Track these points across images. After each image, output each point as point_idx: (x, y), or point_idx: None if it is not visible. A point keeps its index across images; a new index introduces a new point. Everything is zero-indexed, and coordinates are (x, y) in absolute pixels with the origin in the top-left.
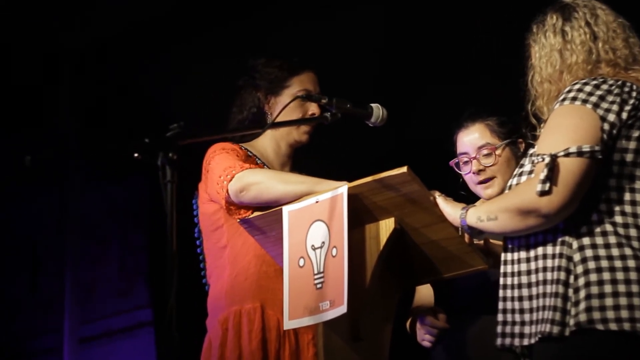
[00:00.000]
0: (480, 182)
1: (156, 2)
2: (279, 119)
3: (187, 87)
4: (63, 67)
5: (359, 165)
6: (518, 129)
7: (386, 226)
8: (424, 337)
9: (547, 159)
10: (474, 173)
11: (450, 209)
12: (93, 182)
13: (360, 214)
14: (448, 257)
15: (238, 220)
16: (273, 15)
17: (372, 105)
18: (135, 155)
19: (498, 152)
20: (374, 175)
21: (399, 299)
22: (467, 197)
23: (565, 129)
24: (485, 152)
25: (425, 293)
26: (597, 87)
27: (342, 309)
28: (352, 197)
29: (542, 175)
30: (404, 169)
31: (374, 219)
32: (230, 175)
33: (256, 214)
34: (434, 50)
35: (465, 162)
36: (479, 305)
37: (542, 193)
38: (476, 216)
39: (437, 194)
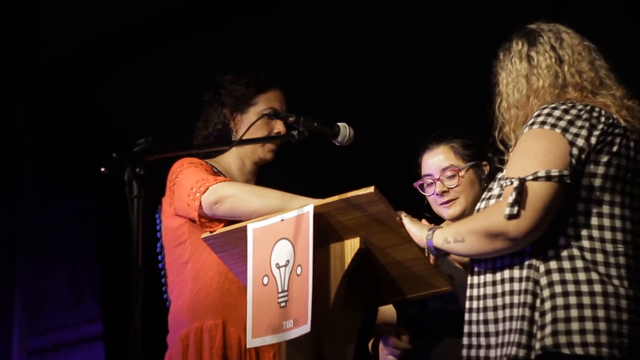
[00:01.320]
0: (444, 203)
1: (115, 15)
2: (245, 137)
3: (145, 100)
4: (19, 78)
5: (323, 183)
6: (482, 151)
7: (351, 246)
8: (386, 358)
9: (516, 183)
10: (437, 194)
11: (416, 230)
12: (45, 194)
13: (326, 233)
14: (413, 278)
15: (202, 236)
16: (237, 28)
17: (339, 124)
18: (102, 169)
19: (462, 173)
20: (341, 194)
21: (362, 318)
22: (431, 219)
23: (534, 153)
24: (449, 173)
25: (388, 313)
26: (566, 111)
27: (306, 328)
28: (318, 216)
29: (511, 199)
30: (371, 189)
31: (339, 238)
32: (204, 187)
33: (219, 230)
34: (401, 66)
35: (430, 184)
36: (443, 327)
37: (510, 217)
38: (443, 238)
39: (403, 215)
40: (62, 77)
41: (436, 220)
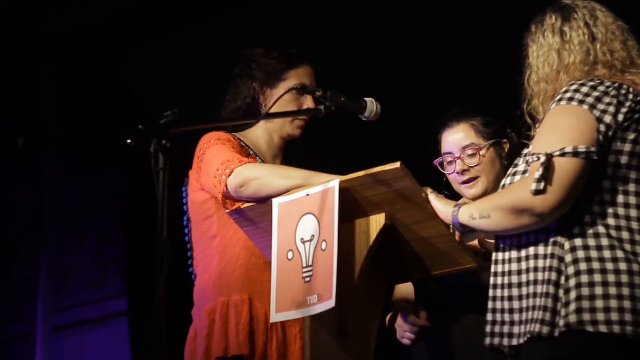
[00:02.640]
0: (464, 182)
1: None
2: (272, 111)
3: (169, 77)
4: (44, 55)
5: (350, 159)
6: (502, 129)
7: (376, 221)
8: (404, 335)
9: (543, 158)
10: (457, 173)
11: (442, 206)
12: (70, 171)
13: (351, 208)
14: (438, 255)
15: (227, 211)
16: (259, 6)
17: (366, 99)
18: (128, 141)
19: (482, 152)
20: (367, 169)
21: (387, 294)
22: (451, 197)
23: (561, 129)
24: (469, 152)
25: (404, 289)
26: (593, 88)
27: (330, 303)
28: (344, 191)
29: (537, 175)
30: (397, 164)
31: (364, 214)
32: (229, 170)
33: (246, 205)
34: (429, 46)
35: (450, 162)
36: (461, 305)
37: (537, 192)
38: (468, 214)
39: (429, 191)
40: (85, 54)
41: (455, 197)
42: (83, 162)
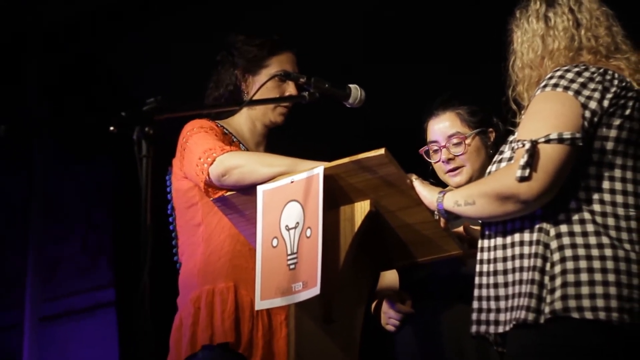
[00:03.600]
0: (449, 171)
1: None
2: (255, 98)
3: (158, 66)
4: (31, 45)
5: (333, 146)
6: (488, 118)
7: (361, 208)
8: (389, 321)
9: (528, 145)
10: (443, 162)
11: (426, 193)
12: (58, 160)
13: (336, 195)
14: (423, 242)
15: (212, 199)
16: None
17: (350, 86)
18: (111, 128)
19: (468, 141)
20: (351, 156)
21: (372, 282)
22: (436, 185)
23: (546, 115)
24: (455, 140)
25: (389, 277)
26: (578, 74)
27: (315, 291)
28: (328, 178)
29: (522, 161)
30: (382, 151)
31: (349, 201)
32: (211, 158)
33: (230, 193)
34: (417, 33)
35: (435, 151)
36: (446, 293)
37: (522, 179)
38: (453, 200)
39: (414, 177)
40: (75, 44)
41: (441, 186)
42: (71, 151)
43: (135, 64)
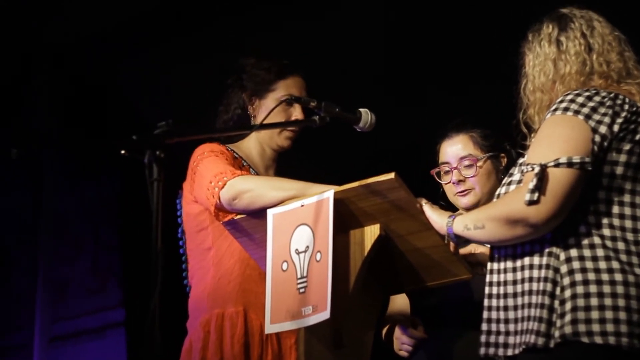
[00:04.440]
0: (459, 192)
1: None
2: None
3: (167, 86)
4: (41, 63)
5: (344, 169)
6: (501, 143)
7: (371, 232)
8: (402, 347)
9: (537, 169)
10: (453, 183)
11: (436, 217)
12: (67, 180)
13: (346, 219)
14: (432, 266)
15: (222, 222)
16: (258, 15)
17: (361, 110)
18: (122, 152)
19: (479, 164)
20: (361, 180)
21: (381, 306)
22: (447, 208)
23: (556, 139)
24: (466, 162)
25: (400, 302)
26: (589, 98)
27: (325, 315)
28: (338, 202)
29: (531, 185)
30: (392, 175)
31: (359, 225)
32: (222, 182)
33: (240, 216)
34: (427, 57)
35: (446, 172)
36: (459, 318)
37: (531, 202)
38: (463, 224)
39: (423, 202)
40: (84, 63)
41: (451, 208)
42: (81, 171)
43: (143, 84)
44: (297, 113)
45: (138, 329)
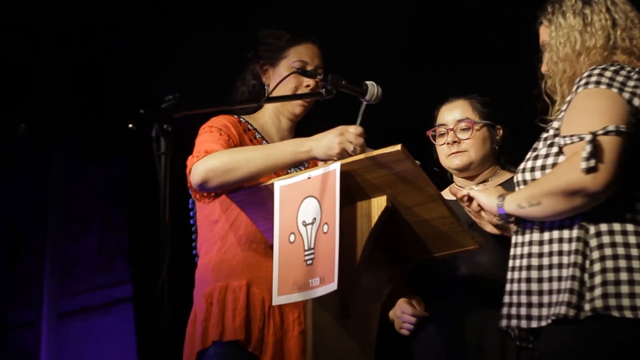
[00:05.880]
0: (453, 153)
1: None
2: (276, 92)
3: (176, 65)
4: (51, 43)
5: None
6: (500, 115)
7: (378, 204)
8: (403, 326)
9: (588, 137)
10: (448, 144)
11: (484, 198)
12: (76, 159)
13: (352, 191)
14: (439, 237)
15: (229, 195)
16: None
17: (367, 82)
18: (130, 126)
19: (476, 127)
20: (367, 152)
21: (388, 277)
22: (441, 173)
23: (596, 111)
24: (463, 125)
25: (401, 280)
26: (616, 72)
27: (333, 286)
28: (345, 174)
29: (585, 153)
30: (398, 147)
31: (366, 197)
32: (189, 167)
33: (248, 188)
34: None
35: (442, 134)
36: (460, 294)
37: (589, 170)
38: (515, 203)
39: (473, 185)
40: (92, 45)
41: (445, 173)
42: (89, 150)
43: (152, 63)
44: (308, 80)
45: (146, 304)
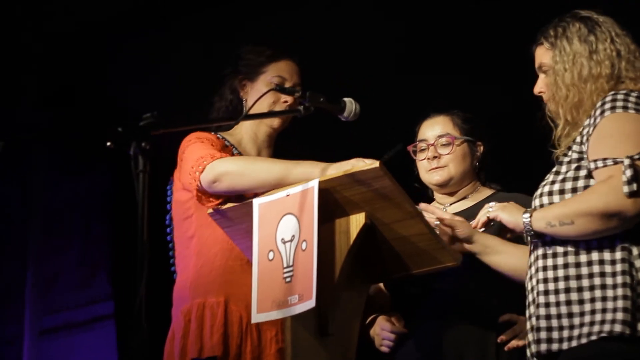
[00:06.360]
0: (433, 169)
1: None
2: (254, 107)
3: (154, 79)
4: (28, 57)
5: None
6: (481, 131)
7: (356, 221)
8: (383, 343)
9: (627, 162)
10: (428, 159)
11: (507, 216)
12: (57, 173)
13: (331, 208)
14: (418, 253)
15: (208, 211)
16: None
17: (345, 99)
18: (108, 143)
19: (457, 143)
20: (346, 169)
21: (367, 294)
22: (421, 189)
23: (628, 135)
24: (444, 141)
25: (380, 296)
26: (639, 98)
27: (311, 303)
28: (323, 191)
29: (626, 177)
30: (376, 164)
31: (344, 214)
32: (202, 167)
33: (227, 205)
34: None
35: (422, 149)
36: (440, 310)
37: (631, 194)
38: (545, 221)
39: (493, 203)
40: (73, 52)
41: (425, 189)
42: (70, 164)
43: (133, 76)
44: (286, 97)
45: (127, 321)
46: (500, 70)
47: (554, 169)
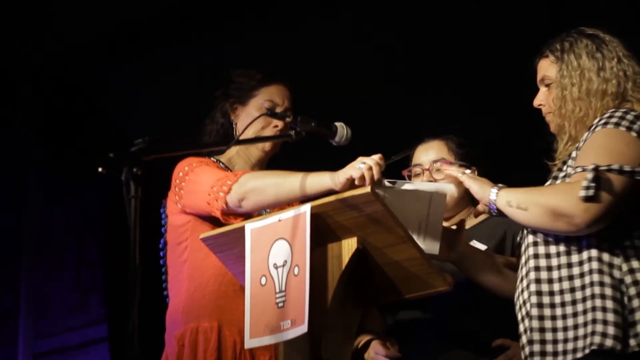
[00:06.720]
0: None
1: (117, 15)
2: (245, 133)
3: (148, 100)
4: (23, 77)
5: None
6: (475, 155)
7: (349, 246)
8: None
9: (591, 167)
10: None
11: (477, 187)
12: (50, 197)
13: (323, 232)
14: (410, 278)
15: (200, 237)
16: (240, 28)
17: (337, 124)
18: (100, 169)
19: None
20: (337, 194)
21: (359, 319)
22: None
23: (609, 149)
24: (438, 166)
25: (375, 320)
26: (637, 117)
27: (303, 328)
28: (315, 216)
29: (585, 183)
30: (368, 189)
31: (336, 239)
32: (227, 186)
33: (218, 231)
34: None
35: (417, 174)
36: (432, 334)
37: (586, 199)
38: (506, 200)
39: (467, 170)
40: (65, 76)
41: None
42: (63, 187)
43: (125, 98)
44: (277, 121)
45: (121, 345)
46: (495, 96)
47: (548, 183)
